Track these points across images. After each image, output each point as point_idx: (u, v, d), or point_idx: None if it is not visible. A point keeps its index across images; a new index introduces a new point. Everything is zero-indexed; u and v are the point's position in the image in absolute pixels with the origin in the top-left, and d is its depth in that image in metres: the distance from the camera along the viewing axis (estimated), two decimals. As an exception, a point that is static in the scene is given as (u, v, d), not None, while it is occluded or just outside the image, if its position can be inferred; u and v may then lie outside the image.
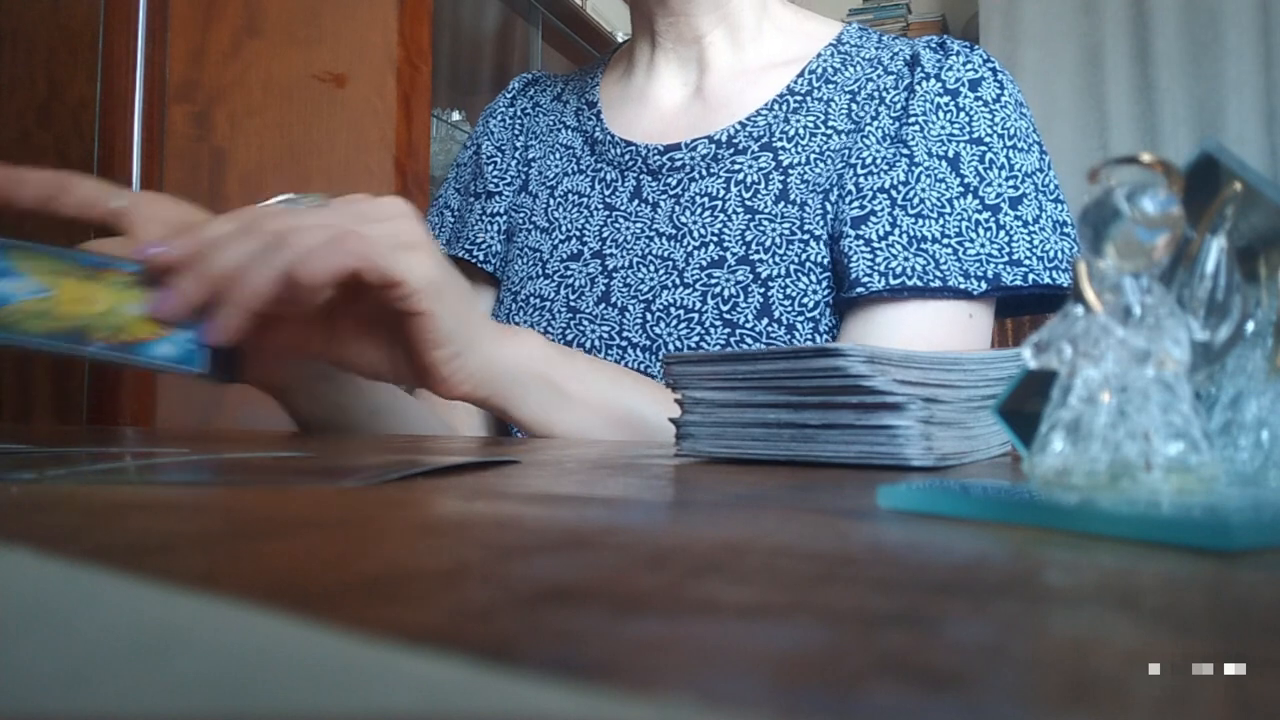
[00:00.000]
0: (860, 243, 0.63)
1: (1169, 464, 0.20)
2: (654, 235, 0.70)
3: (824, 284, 0.65)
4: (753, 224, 0.67)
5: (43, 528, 0.19)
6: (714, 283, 0.66)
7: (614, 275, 0.70)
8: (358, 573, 0.15)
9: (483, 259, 0.78)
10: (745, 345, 0.64)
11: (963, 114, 0.66)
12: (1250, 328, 0.23)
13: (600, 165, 0.76)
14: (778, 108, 0.71)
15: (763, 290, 0.65)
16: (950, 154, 0.64)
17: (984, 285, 0.61)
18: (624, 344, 0.68)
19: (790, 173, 0.68)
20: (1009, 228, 0.63)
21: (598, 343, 0.69)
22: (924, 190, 0.63)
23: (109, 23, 1.34)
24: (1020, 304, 0.69)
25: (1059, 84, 2.63)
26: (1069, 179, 0.68)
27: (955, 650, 0.10)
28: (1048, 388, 0.21)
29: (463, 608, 0.12)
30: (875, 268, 0.62)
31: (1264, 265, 0.24)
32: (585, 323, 0.70)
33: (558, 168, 0.78)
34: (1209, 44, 2.49)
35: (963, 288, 0.61)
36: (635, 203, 0.72)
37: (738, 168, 0.69)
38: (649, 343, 0.67)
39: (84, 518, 0.21)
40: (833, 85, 0.71)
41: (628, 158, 0.74)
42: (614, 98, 0.79)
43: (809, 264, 0.65)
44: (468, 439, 0.64)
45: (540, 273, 0.74)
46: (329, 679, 0.09)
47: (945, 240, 0.62)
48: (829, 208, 0.66)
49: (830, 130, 0.69)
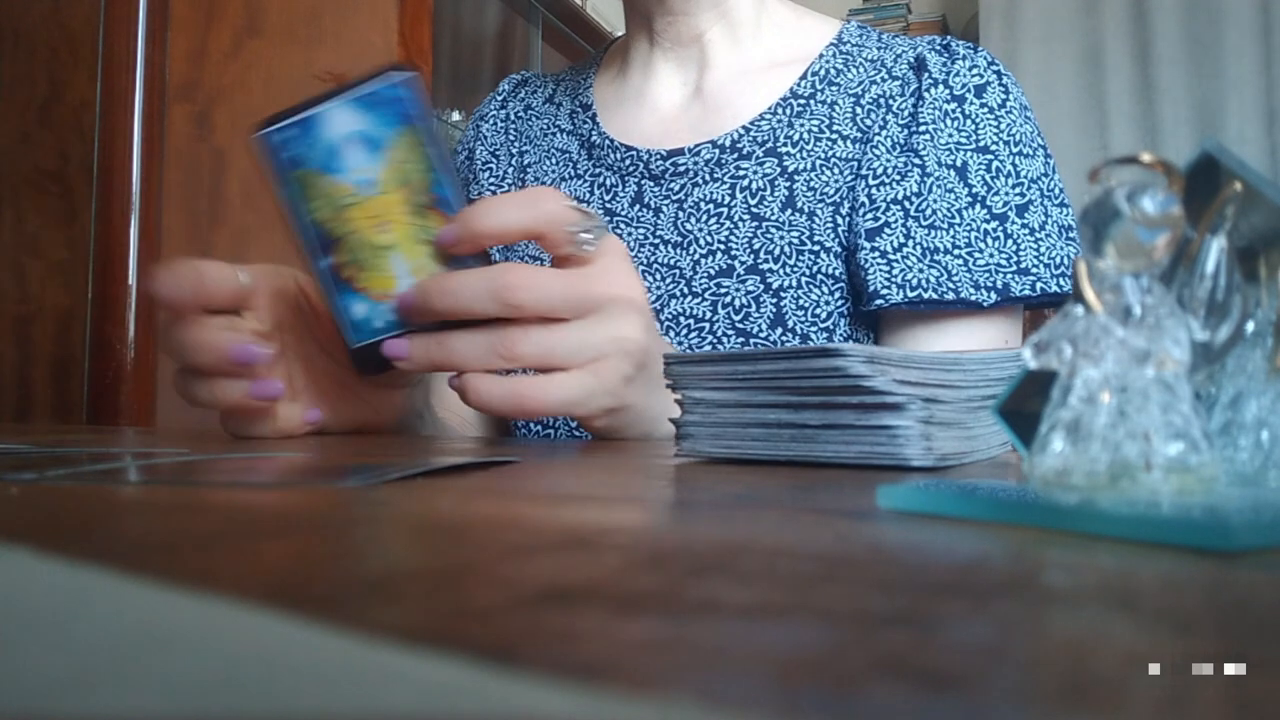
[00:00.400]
0: (876, 255, 0.63)
1: (1169, 464, 0.20)
2: (658, 243, 0.70)
3: (837, 295, 0.65)
4: (760, 231, 0.66)
5: (43, 528, 0.19)
6: (724, 292, 0.66)
7: None
8: (358, 573, 0.15)
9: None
10: None
11: (969, 121, 0.66)
12: (1250, 328, 0.23)
13: (598, 170, 0.74)
14: (781, 111, 0.70)
15: (775, 300, 0.64)
16: (958, 163, 0.64)
17: (994, 296, 0.61)
18: None
19: (796, 179, 0.67)
20: (1016, 236, 0.63)
21: None
22: (935, 201, 0.64)
23: (109, 23, 1.35)
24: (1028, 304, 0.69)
25: (1059, 84, 2.63)
26: (1069, 179, 0.68)
27: (955, 650, 0.10)
28: (1048, 388, 0.21)
29: (463, 608, 0.12)
30: (892, 279, 0.62)
31: (1264, 265, 0.24)
32: None
33: (554, 173, 0.77)
34: (1209, 44, 2.49)
35: (974, 299, 0.61)
36: (636, 208, 0.72)
37: (742, 173, 0.69)
38: None
39: (84, 518, 0.21)
40: (836, 87, 0.70)
41: (628, 162, 0.73)
42: (609, 99, 0.77)
43: (820, 276, 0.65)
44: (468, 439, 0.64)
45: None
46: (329, 679, 0.09)
47: (956, 251, 0.62)
48: (840, 220, 0.65)
49: (836, 136, 0.68)
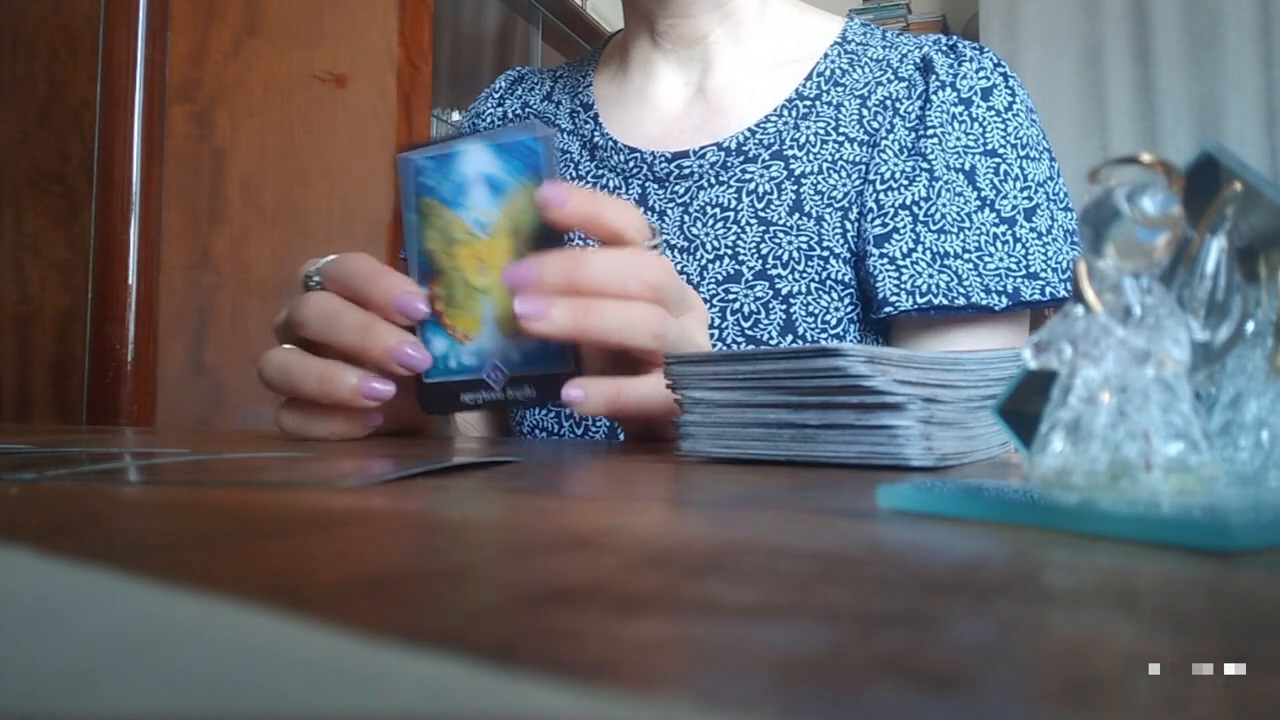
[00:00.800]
0: (885, 261, 0.63)
1: (1169, 464, 0.20)
2: (664, 247, 0.70)
3: (846, 301, 0.65)
4: (767, 236, 0.66)
5: (43, 528, 0.19)
6: (732, 298, 0.65)
7: None
8: (358, 573, 0.15)
9: None
10: None
11: (977, 125, 0.65)
12: (1250, 328, 0.23)
13: (601, 171, 0.73)
14: (787, 113, 0.69)
15: (784, 307, 0.64)
16: (966, 167, 0.64)
17: (1005, 300, 0.61)
18: None
19: (803, 182, 0.67)
20: (1025, 240, 0.63)
21: None
22: (944, 205, 0.63)
23: (109, 23, 1.35)
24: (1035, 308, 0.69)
25: (1059, 84, 2.63)
26: (1070, 179, 0.68)
27: (955, 650, 0.10)
28: (1048, 388, 0.21)
29: (463, 608, 0.12)
30: (902, 286, 0.62)
31: (1264, 265, 0.24)
32: None
33: None
34: (1209, 44, 2.49)
35: (984, 304, 0.61)
36: (641, 211, 0.71)
37: (749, 177, 0.68)
38: None
39: (84, 518, 0.21)
40: (841, 88, 0.70)
41: (632, 164, 0.72)
42: (610, 99, 0.76)
43: (830, 282, 0.64)
44: (468, 439, 0.64)
45: None
46: (329, 679, 0.09)
47: (966, 256, 0.62)
48: (849, 225, 0.65)
49: (842, 138, 0.68)
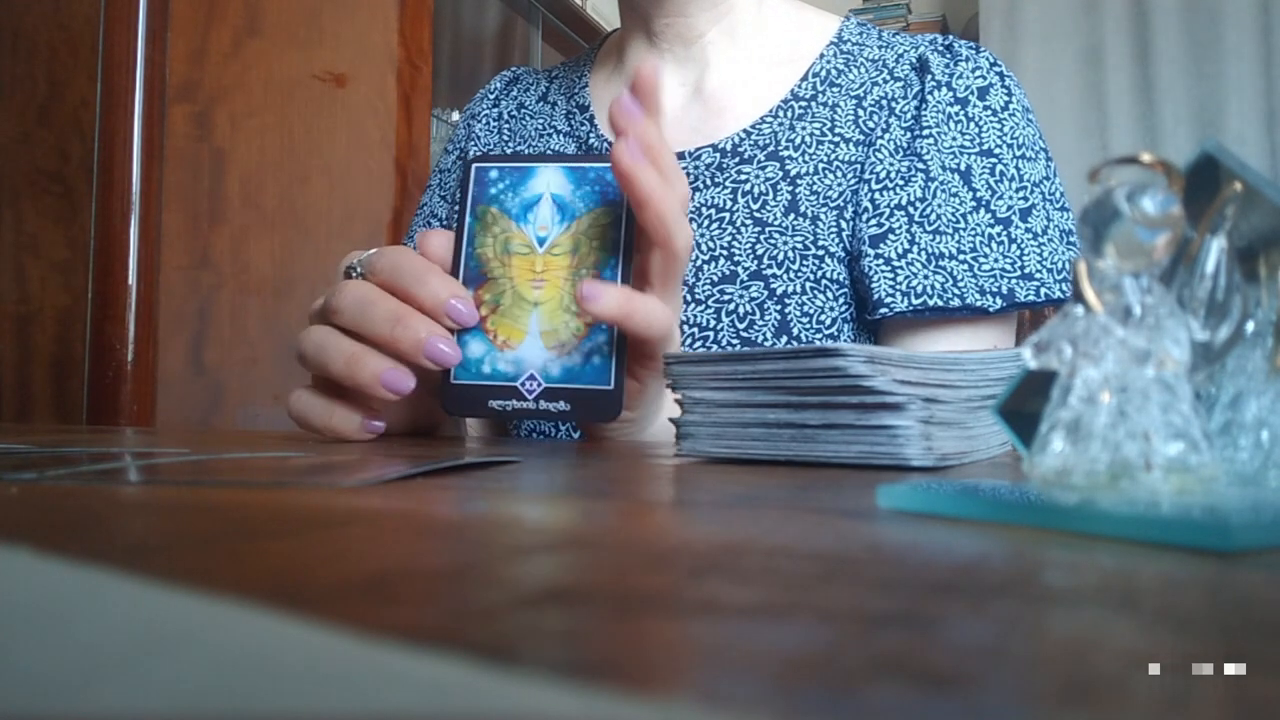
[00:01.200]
0: (880, 262, 0.63)
1: (1169, 464, 0.20)
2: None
3: (840, 300, 0.64)
4: (763, 236, 0.66)
5: (43, 528, 0.19)
6: (727, 299, 0.65)
7: None
8: (358, 573, 0.15)
9: None
10: None
11: (973, 124, 0.65)
12: (1250, 328, 0.23)
13: None
14: (782, 114, 0.69)
15: (779, 307, 0.64)
16: (962, 167, 0.64)
17: (999, 302, 0.61)
18: None
19: (799, 183, 0.67)
20: (1020, 241, 0.63)
21: None
22: (939, 206, 0.63)
23: (109, 23, 1.34)
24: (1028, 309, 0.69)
25: (1059, 84, 2.63)
26: (1069, 179, 0.68)
27: (955, 650, 0.10)
28: (1048, 388, 0.21)
29: (463, 608, 0.12)
30: (897, 287, 0.62)
31: (1264, 265, 0.24)
32: None
33: None
34: (1209, 44, 2.49)
35: (979, 305, 0.61)
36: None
37: (744, 177, 0.68)
38: None
39: (84, 518, 0.21)
40: (837, 89, 0.70)
41: None
42: (606, 100, 0.76)
43: (825, 281, 0.64)
44: (469, 439, 0.64)
45: None
46: (329, 679, 0.09)
47: (961, 257, 0.62)
48: (844, 225, 0.65)
49: (838, 138, 0.67)
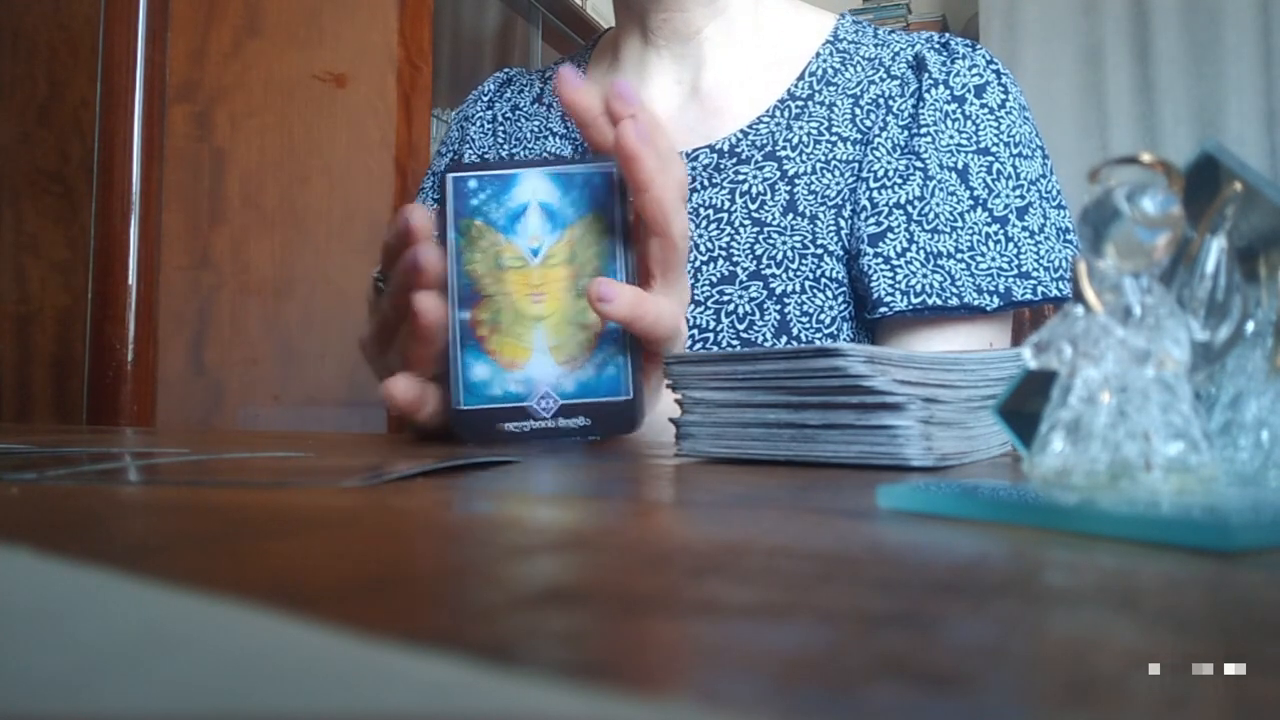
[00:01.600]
0: (880, 261, 0.63)
1: (1169, 464, 0.20)
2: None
3: (840, 299, 0.64)
4: (761, 236, 0.66)
5: (43, 528, 0.19)
6: (726, 299, 0.65)
7: None
8: (358, 573, 0.15)
9: None
10: None
11: (970, 123, 0.65)
12: (1250, 328, 0.23)
13: None
14: (779, 114, 0.69)
15: (779, 307, 0.64)
16: (959, 165, 0.64)
17: (997, 301, 0.61)
18: None
19: (796, 183, 0.66)
20: (1017, 239, 0.63)
21: None
22: (937, 205, 0.63)
23: (109, 23, 1.34)
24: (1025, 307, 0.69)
25: (1059, 84, 2.63)
26: (1069, 179, 0.68)
27: (955, 650, 0.10)
28: (1048, 388, 0.21)
29: (463, 608, 0.12)
30: (896, 286, 0.62)
31: (1264, 265, 0.24)
32: None
33: None
34: (1209, 44, 2.49)
35: (976, 304, 0.61)
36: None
37: (741, 178, 0.68)
38: None
39: (84, 518, 0.21)
40: (834, 87, 0.70)
41: None
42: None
43: (824, 280, 0.64)
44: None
45: None
46: (329, 679, 0.09)
47: (959, 255, 0.62)
48: (842, 223, 0.65)
49: (835, 137, 0.67)
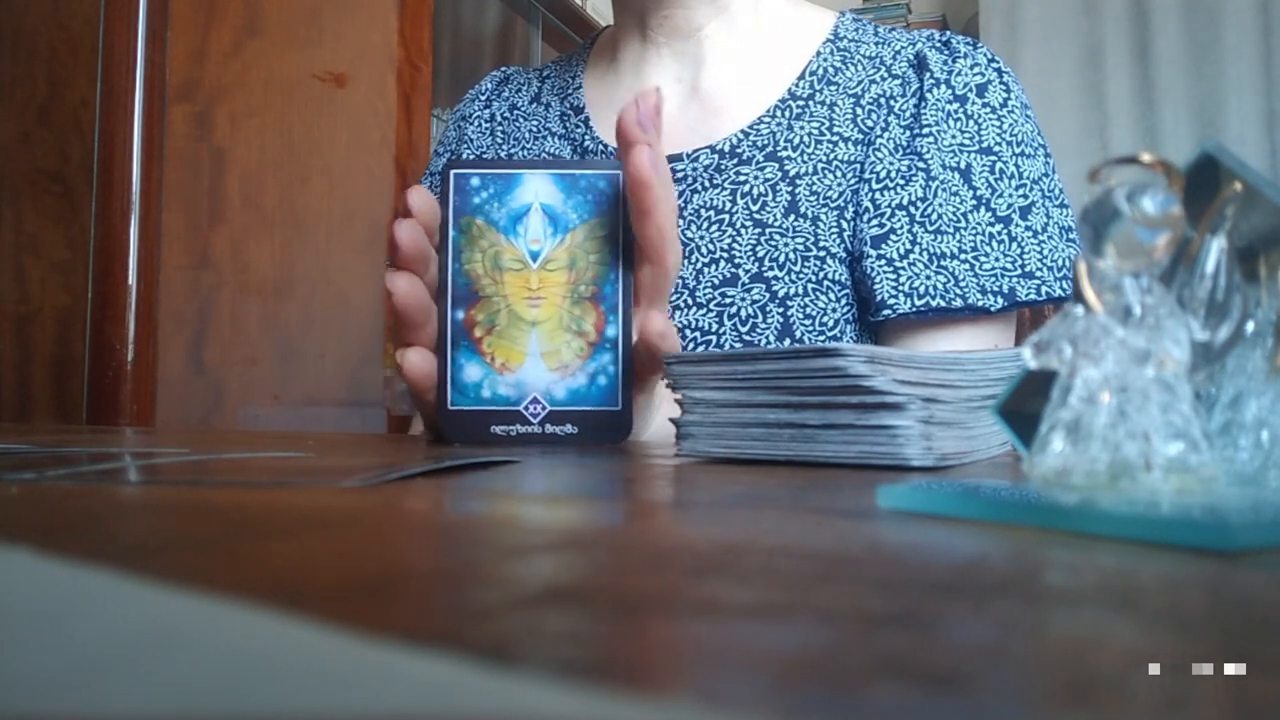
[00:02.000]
0: (883, 263, 0.62)
1: (1169, 464, 0.20)
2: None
3: (843, 301, 0.64)
4: (763, 238, 0.65)
5: (43, 528, 0.19)
6: (729, 302, 0.65)
7: None
8: (358, 573, 0.15)
9: None
10: None
11: (972, 122, 0.65)
12: (1250, 328, 0.23)
13: None
14: (780, 114, 0.69)
15: (781, 310, 0.64)
16: (962, 165, 0.64)
17: (1001, 301, 0.61)
18: None
19: (798, 183, 0.66)
20: (1020, 239, 0.63)
21: None
22: (940, 205, 0.63)
23: (109, 23, 1.34)
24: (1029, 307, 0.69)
25: (1059, 84, 2.63)
26: (1069, 179, 0.68)
27: (955, 650, 0.10)
28: (1048, 388, 0.21)
29: (463, 608, 0.12)
30: (899, 288, 0.62)
31: (1264, 265, 0.24)
32: None
33: None
34: (1209, 44, 2.49)
35: (981, 305, 0.61)
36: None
37: (743, 179, 0.67)
38: None
39: (84, 518, 0.21)
40: (834, 87, 0.69)
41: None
42: (601, 100, 0.75)
43: (826, 282, 0.64)
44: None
45: None
46: (329, 679, 0.09)
47: (962, 256, 0.62)
48: (845, 225, 0.65)
49: (836, 138, 0.67)
